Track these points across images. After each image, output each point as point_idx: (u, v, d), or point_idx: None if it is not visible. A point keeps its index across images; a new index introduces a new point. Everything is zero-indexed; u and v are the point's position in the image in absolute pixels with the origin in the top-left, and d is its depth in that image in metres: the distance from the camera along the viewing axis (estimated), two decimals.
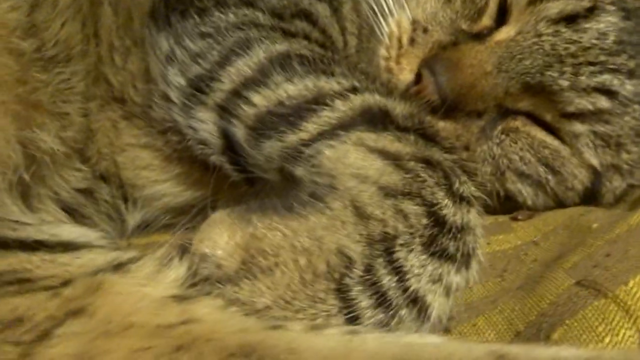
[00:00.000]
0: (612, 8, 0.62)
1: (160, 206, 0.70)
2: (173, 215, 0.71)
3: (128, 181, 0.69)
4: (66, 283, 0.39)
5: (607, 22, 0.61)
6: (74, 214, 0.66)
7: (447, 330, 0.45)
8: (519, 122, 0.63)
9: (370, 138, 0.47)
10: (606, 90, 0.60)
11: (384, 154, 0.46)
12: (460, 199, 0.46)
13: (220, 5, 0.66)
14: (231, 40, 0.60)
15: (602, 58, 0.60)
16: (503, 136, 0.63)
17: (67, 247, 0.46)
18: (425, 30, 0.65)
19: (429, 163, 0.46)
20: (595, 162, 0.62)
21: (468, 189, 0.47)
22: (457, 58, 0.61)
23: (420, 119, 0.51)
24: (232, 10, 0.65)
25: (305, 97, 0.52)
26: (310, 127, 0.51)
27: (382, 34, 0.69)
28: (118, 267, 0.41)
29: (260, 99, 0.54)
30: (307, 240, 0.42)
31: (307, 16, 0.69)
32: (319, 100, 0.52)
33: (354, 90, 0.52)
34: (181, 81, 0.61)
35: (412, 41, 0.65)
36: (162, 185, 0.69)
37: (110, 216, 0.69)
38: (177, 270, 0.41)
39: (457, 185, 0.46)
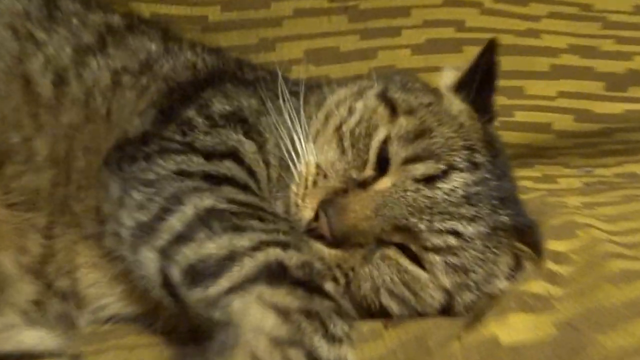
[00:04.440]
0: (464, 164, 0.82)
1: (105, 316, 0.85)
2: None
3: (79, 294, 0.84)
4: None
5: (457, 180, 0.80)
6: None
7: None
8: (391, 252, 0.80)
9: (268, 293, 0.61)
10: (454, 231, 0.79)
11: (276, 309, 0.60)
12: (333, 339, 0.62)
13: (163, 152, 0.81)
14: (167, 192, 0.74)
15: (451, 209, 0.79)
16: (380, 262, 0.79)
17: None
18: (325, 176, 0.83)
19: (309, 314, 0.61)
20: (447, 284, 0.80)
21: (341, 328, 0.63)
22: (345, 204, 0.77)
23: (311, 267, 0.67)
24: (171, 157, 0.79)
25: (220, 255, 0.66)
26: (223, 282, 0.63)
27: (295, 169, 0.86)
28: None
29: (189, 252, 0.67)
30: None
31: (235, 155, 0.85)
32: (231, 258, 0.65)
33: (260, 245, 0.66)
34: (131, 224, 0.74)
35: (314, 183, 0.82)
36: (107, 299, 0.85)
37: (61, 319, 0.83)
38: None
39: (331, 328, 0.62)
